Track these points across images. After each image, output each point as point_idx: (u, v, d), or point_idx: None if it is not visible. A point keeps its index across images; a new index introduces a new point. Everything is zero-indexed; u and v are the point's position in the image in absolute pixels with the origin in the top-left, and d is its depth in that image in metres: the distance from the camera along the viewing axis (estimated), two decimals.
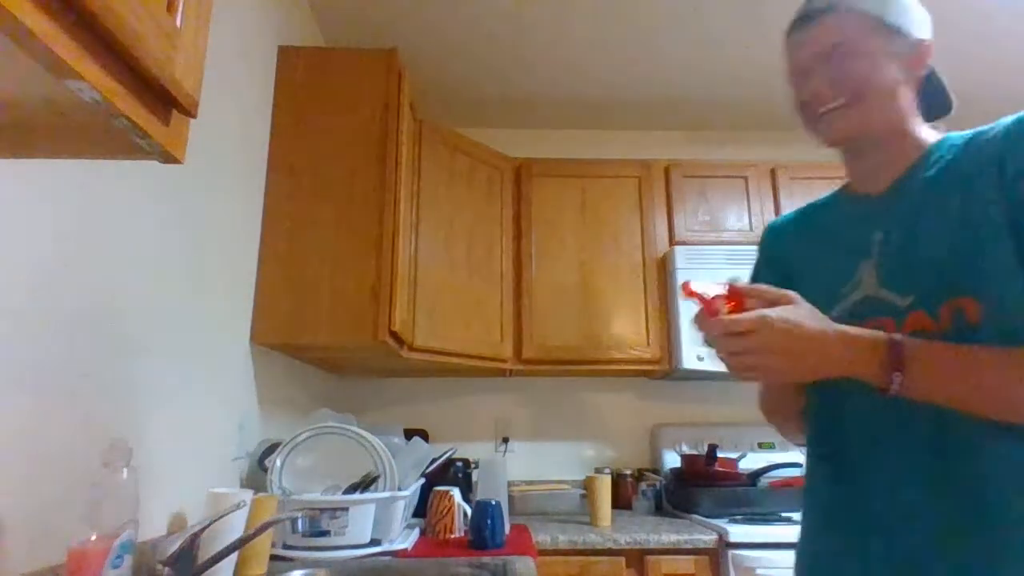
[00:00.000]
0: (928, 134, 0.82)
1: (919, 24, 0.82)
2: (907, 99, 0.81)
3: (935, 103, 0.86)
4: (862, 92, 0.78)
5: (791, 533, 1.70)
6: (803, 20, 0.84)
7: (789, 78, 0.87)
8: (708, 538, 1.72)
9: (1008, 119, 0.73)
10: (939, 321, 0.71)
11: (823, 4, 0.82)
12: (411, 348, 1.84)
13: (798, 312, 0.69)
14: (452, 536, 1.62)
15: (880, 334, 0.69)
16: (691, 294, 0.73)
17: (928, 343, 0.68)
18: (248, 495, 1.10)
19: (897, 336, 0.68)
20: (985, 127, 0.76)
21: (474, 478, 2.04)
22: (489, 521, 1.47)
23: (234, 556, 1.06)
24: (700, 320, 0.72)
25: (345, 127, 1.66)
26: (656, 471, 2.33)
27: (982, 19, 2.01)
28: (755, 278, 1.01)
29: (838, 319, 0.73)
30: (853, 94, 0.79)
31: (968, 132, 0.78)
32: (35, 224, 0.80)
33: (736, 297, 0.73)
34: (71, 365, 0.87)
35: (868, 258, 0.80)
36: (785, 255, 0.95)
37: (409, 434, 1.76)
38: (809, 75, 0.82)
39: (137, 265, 1.03)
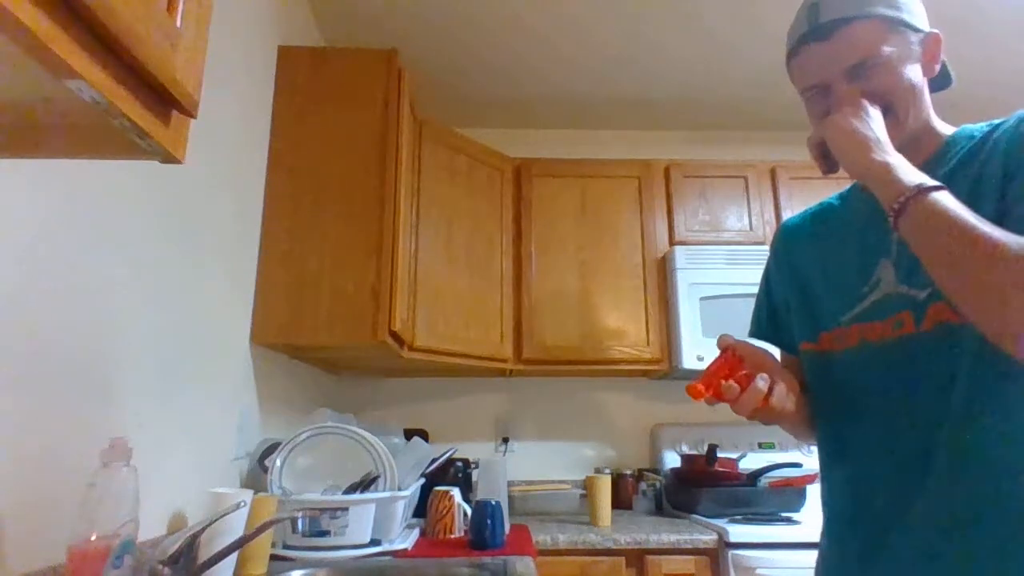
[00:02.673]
0: (944, 127, 0.81)
1: (921, 16, 0.80)
2: (927, 95, 0.80)
3: (936, 79, 0.84)
4: (892, 104, 0.77)
5: (791, 533, 1.73)
6: (815, 35, 0.78)
7: (804, 92, 0.83)
8: (708, 538, 1.72)
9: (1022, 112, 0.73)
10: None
11: (835, 15, 0.77)
12: (411, 348, 1.84)
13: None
14: (452, 536, 1.62)
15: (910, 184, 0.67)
16: (700, 394, 0.74)
17: (951, 209, 0.64)
18: (248, 495, 1.10)
19: (930, 184, 0.66)
20: (1001, 120, 0.75)
21: (474, 478, 2.04)
22: (489, 521, 1.47)
23: (234, 556, 1.06)
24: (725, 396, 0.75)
25: (345, 127, 1.66)
26: (656, 471, 2.32)
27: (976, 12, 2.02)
28: (767, 279, 1.01)
29: (858, 319, 0.74)
30: (884, 108, 0.76)
31: (983, 124, 0.77)
32: (34, 224, 0.80)
33: (731, 363, 0.77)
34: (70, 364, 0.87)
35: (887, 256, 0.79)
36: (799, 258, 0.94)
37: (409, 434, 1.76)
38: (831, 91, 0.79)
39: (137, 265, 1.03)
